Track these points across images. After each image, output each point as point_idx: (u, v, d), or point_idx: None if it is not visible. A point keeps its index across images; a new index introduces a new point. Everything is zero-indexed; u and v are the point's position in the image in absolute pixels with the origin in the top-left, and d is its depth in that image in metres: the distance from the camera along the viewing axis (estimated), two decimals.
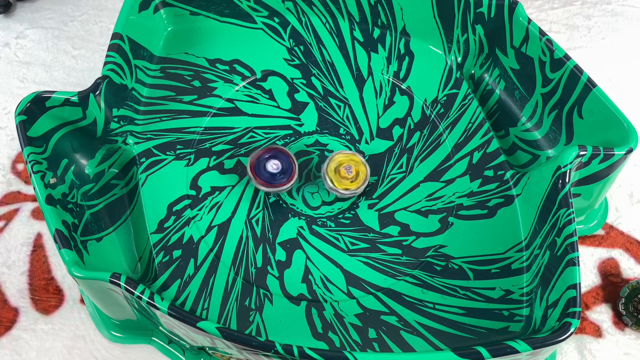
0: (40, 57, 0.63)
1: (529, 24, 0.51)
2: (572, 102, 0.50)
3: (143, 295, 0.36)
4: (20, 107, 0.43)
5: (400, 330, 0.44)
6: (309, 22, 0.60)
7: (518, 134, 0.55)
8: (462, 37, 0.57)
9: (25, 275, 0.50)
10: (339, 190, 0.48)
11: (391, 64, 0.58)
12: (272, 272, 0.47)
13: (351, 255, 0.48)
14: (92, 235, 0.45)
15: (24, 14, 0.66)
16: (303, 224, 0.50)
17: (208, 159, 0.52)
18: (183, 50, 0.58)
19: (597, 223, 0.54)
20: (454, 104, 0.56)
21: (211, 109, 0.55)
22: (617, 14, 0.69)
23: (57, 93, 0.44)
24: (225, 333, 0.35)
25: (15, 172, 0.55)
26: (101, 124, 0.48)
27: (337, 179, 0.48)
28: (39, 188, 0.41)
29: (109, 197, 0.49)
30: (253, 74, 0.57)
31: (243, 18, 0.60)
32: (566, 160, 0.43)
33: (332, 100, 0.56)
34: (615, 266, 0.52)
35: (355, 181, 0.49)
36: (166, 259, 0.47)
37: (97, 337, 0.47)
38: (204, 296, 0.45)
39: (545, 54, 0.50)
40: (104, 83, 0.47)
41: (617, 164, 0.46)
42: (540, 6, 0.69)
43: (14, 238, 0.51)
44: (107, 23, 0.66)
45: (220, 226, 0.49)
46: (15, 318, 0.48)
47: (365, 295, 0.46)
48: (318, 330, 0.44)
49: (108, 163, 0.50)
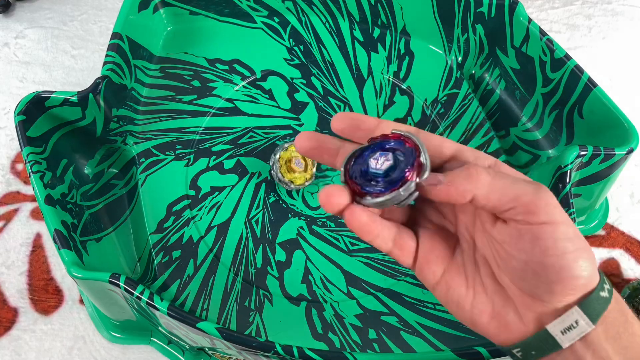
0: (39, 57, 0.62)
1: (529, 23, 0.51)
2: (573, 102, 0.50)
3: (142, 295, 0.36)
4: (19, 107, 0.43)
5: (400, 331, 0.44)
6: (309, 22, 0.60)
7: (519, 134, 0.55)
8: (463, 36, 0.56)
9: (25, 275, 0.49)
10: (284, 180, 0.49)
11: (391, 63, 0.58)
12: (272, 273, 0.47)
13: (351, 256, 0.48)
14: (91, 236, 0.45)
15: (23, 14, 0.66)
16: (303, 224, 0.49)
17: (208, 159, 0.52)
18: (182, 50, 0.58)
19: (598, 223, 0.54)
20: (454, 103, 0.56)
21: (211, 108, 0.55)
22: (617, 13, 0.69)
23: (56, 93, 0.44)
24: (224, 334, 0.35)
25: (14, 172, 0.55)
26: (100, 124, 0.48)
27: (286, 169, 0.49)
28: (38, 188, 0.41)
29: (109, 197, 0.49)
30: (253, 74, 0.57)
31: (243, 18, 0.60)
32: (567, 161, 0.43)
33: (332, 100, 0.56)
34: (616, 266, 0.52)
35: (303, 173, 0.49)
36: (166, 259, 0.47)
37: (96, 337, 0.47)
38: (203, 296, 0.45)
39: (546, 54, 0.50)
40: (103, 83, 0.47)
41: (618, 164, 0.46)
42: (540, 6, 0.69)
43: (13, 238, 0.51)
44: (106, 23, 0.65)
45: (219, 226, 0.49)
46: (15, 318, 0.48)
47: (365, 296, 0.46)
48: (318, 330, 0.44)
49: (107, 163, 0.50)
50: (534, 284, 0.22)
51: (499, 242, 0.23)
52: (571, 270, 0.22)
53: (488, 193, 0.22)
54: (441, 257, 0.26)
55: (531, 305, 0.23)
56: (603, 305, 0.22)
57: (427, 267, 0.26)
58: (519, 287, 0.23)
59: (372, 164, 0.24)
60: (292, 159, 0.49)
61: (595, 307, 0.22)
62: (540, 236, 0.22)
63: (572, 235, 0.22)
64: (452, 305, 0.26)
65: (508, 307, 0.24)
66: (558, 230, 0.22)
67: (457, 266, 0.26)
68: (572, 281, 0.22)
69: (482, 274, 0.25)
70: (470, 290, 0.25)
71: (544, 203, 0.22)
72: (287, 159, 0.49)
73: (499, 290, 0.24)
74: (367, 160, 0.24)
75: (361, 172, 0.25)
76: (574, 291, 0.22)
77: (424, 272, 0.26)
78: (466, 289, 0.25)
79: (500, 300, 0.24)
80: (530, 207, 0.22)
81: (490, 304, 0.24)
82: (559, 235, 0.22)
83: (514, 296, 0.24)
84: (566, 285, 0.22)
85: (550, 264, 0.22)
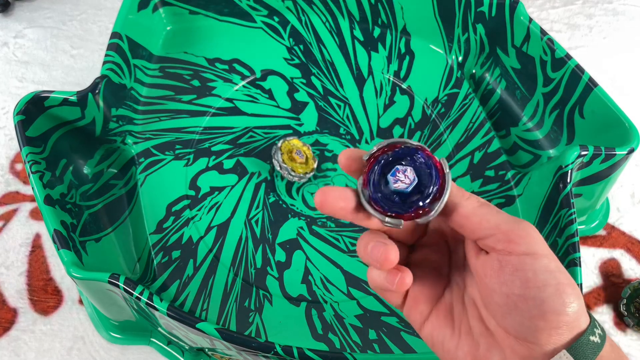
0: (38, 57, 0.62)
1: (530, 23, 0.51)
2: (574, 101, 0.50)
3: (142, 296, 0.36)
4: (18, 106, 0.43)
5: (400, 331, 0.44)
6: (309, 21, 0.60)
7: (519, 134, 0.54)
8: (463, 36, 0.56)
9: (24, 275, 0.49)
10: (288, 168, 0.49)
11: (391, 63, 0.58)
12: (272, 273, 0.47)
13: (351, 256, 0.48)
14: (90, 236, 0.45)
15: (23, 13, 0.66)
16: (303, 224, 0.49)
17: (207, 159, 0.52)
18: (182, 50, 0.58)
19: (599, 223, 0.54)
20: (454, 103, 0.56)
21: (210, 108, 0.55)
22: (618, 13, 0.69)
23: (55, 93, 0.44)
24: (224, 334, 0.35)
25: (13, 172, 0.55)
26: (100, 124, 0.48)
27: (287, 157, 0.49)
28: (37, 188, 0.41)
29: (108, 197, 0.49)
30: (252, 74, 0.57)
31: (242, 17, 0.60)
32: (568, 160, 0.43)
33: (332, 100, 0.56)
34: (616, 267, 0.52)
35: (304, 165, 0.50)
36: (165, 259, 0.47)
37: (95, 338, 0.47)
38: (203, 297, 0.45)
39: (547, 54, 0.50)
40: (102, 82, 0.47)
41: (619, 164, 0.46)
42: (541, 5, 0.69)
43: (12, 238, 0.51)
44: (106, 22, 0.65)
45: (219, 226, 0.49)
46: (14, 319, 0.47)
47: (365, 296, 0.46)
48: (318, 331, 0.44)
49: (107, 163, 0.50)
50: (517, 320, 0.22)
51: (481, 276, 0.23)
52: (553, 304, 0.21)
53: (469, 214, 0.23)
54: (430, 297, 0.26)
55: (518, 350, 0.22)
56: (594, 350, 0.22)
57: (415, 306, 0.26)
58: (504, 327, 0.23)
59: (394, 181, 0.23)
60: (294, 150, 0.49)
61: (585, 352, 0.21)
62: (520, 267, 0.22)
63: (554, 269, 0.22)
64: (438, 347, 0.25)
65: (494, 350, 0.23)
66: (538, 262, 0.22)
67: (445, 306, 0.26)
68: (556, 317, 0.21)
69: (470, 316, 0.25)
70: (457, 332, 0.25)
71: (525, 233, 0.22)
72: (289, 149, 0.49)
73: (486, 333, 0.24)
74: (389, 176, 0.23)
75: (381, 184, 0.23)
76: (559, 330, 0.21)
77: (411, 311, 0.26)
78: (452, 330, 0.25)
79: (487, 343, 0.24)
80: (510, 235, 0.22)
81: (476, 347, 0.24)
82: (539, 267, 0.21)
83: (501, 340, 0.23)
84: (549, 321, 0.21)
85: (530, 297, 0.21)
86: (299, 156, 0.48)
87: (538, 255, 0.22)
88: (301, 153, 0.49)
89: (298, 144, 0.50)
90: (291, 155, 0.49)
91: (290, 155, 0.49)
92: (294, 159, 0.48)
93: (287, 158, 0.49)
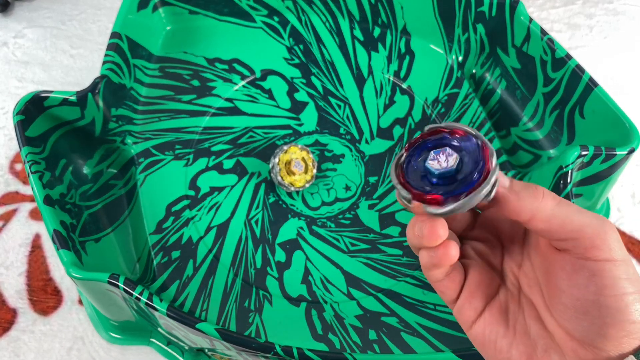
0: (38, 57, 0.62)
1: (530, 23, 0.51)
2: (574, 101, 0.49)
3: (142, 296, 0.36)
4: (18, 106, 0.43)
5: (400, 332, 0.44)
6: (309, 21, 0.60)
7: (519, 134, 0.54)
8: (463, 36, 0.56)
9: (24, 276, 0.49)
10: (284, 183, 0.48)
11: (392, 63, 0.58)
12: (272, 273, 0.47)
13: (351, 256, 0.48)
14: (90, 236, 0.45)
15: (22, 13, 0.66)
16: (303, 224, 0.49)
17: (207, 159, 0.52)
18: (182, 50, 0.58)
19: None
20: (455, 103, 0.56)
21: (210, 108, 0.55)
22: (618, 12, 0.69)
23: (55, 93, 0.44)
24: (224, 334, 0.35)
25: (13, 172, 0.55)
26: (99, 124, 0.48)
27: (285, 172, 0.49)
28: (37, 188, 0.41)
29: (108, 197, 0.49)
30: (252, 73, 0.57)
31: (242, 17, 0.60)
32: (568, 161, 0.43)
33: (332, 100, 0.56)
34: None
35: (304, 175, 0.49)
36: (165, 259, 0.46)
37: (95, 338, 0.47)
38: (203, 297, 0.45)
39: (547, 53, 0.50)
40: (102, 82, 0.47)
41: (619, 164, 0.46)
42: (541, 5, 0.69)
43: (12, 239, 0.51)
44: (105, 22, 0.65)
45: (219, 227, 0.49)
46: (14, 319, 0.47)
47: (365, 297, 0.46)
48: (318, 331, 0.44)
49: (106, 163, 0.50)
50: (585, 326, 0.21)
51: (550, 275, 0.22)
52: (629, 314, 0.20)
53: (549, 217, 0.21)
54: (485, 292, 0.25)
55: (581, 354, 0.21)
56: None
57: (470, 301, 0.24)
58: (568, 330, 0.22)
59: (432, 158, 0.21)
60: (292, 161, 0.48)
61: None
62: (598, 273, 0.20)
63: (632, 276, 0.20)
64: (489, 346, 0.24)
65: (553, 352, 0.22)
66: (619, 268, 0.20)
67: (499, 303, 0.24)
68: (628, 326, 0.20)
69: (526, 315, 0.23)
70: (511, 330, 0.24)
71: (609, 237, 0.21)
72: (287, 161, 0.49)
73: (544, 334, 0.23)
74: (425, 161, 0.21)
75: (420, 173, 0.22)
76: (629, 338, 0.20)
77: (464, 307, 0.25)
78: (506, 329, 0.24)
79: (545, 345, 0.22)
80: (595, 241, 0.20)
81: (533, 347, 0.23)
82: (620, 274, 0.20)
83: (561, 342, 0.22)
84: (621, 329, 0.20)
85: (605, 304, 0.20)
86: (298, 168, 0.48)
87: (619, 260, 0.21)
88: (299, 163, 0.48)
89: (296, 151, 0.49)
90: (289, 169, 0.48)
91: (288, 168, 0.48)
92: (292, 172, 0.48)
93: (286, 173, 0.48)
